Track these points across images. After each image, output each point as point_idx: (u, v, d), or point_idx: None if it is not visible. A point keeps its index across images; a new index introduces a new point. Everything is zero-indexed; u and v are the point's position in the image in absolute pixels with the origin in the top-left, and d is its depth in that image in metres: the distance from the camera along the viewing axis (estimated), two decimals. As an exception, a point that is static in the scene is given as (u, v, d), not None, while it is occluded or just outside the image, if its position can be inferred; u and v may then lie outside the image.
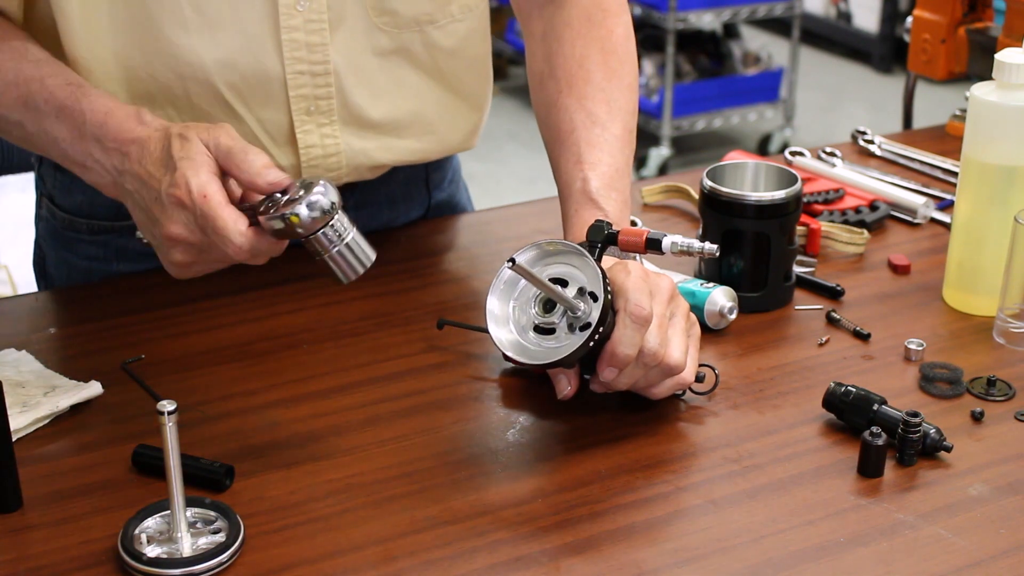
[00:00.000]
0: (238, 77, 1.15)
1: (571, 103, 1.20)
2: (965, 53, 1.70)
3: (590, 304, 0.98)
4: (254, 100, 1.17)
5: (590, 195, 1.14)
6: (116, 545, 0.88)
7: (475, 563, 0.89)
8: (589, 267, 0.99)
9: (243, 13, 1.13)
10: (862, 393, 1.04)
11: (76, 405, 1.05)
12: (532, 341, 0.99)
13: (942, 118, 1.80)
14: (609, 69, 1.22)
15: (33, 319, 1.23)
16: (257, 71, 1.15)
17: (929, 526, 0.93)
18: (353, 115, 1.22)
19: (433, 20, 1.23)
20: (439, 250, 1.38)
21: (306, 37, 1.15)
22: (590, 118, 1.19)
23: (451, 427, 1.05)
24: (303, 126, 1.20)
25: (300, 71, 1.17)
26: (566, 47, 1.23)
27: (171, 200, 0.95)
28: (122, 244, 1.31)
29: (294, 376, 1.12)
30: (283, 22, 1.14)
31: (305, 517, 0.93)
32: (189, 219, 0.95)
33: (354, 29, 1.18)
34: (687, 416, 1.07)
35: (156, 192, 0.97)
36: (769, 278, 1.23)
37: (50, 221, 1.35)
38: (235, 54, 1.14)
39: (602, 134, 1.18)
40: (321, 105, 1.19)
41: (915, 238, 1.41)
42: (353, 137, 1.23)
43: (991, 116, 1.19)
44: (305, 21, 1.15)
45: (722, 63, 4.79)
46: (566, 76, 1.22)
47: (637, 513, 0.94)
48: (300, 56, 1.16)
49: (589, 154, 1.16)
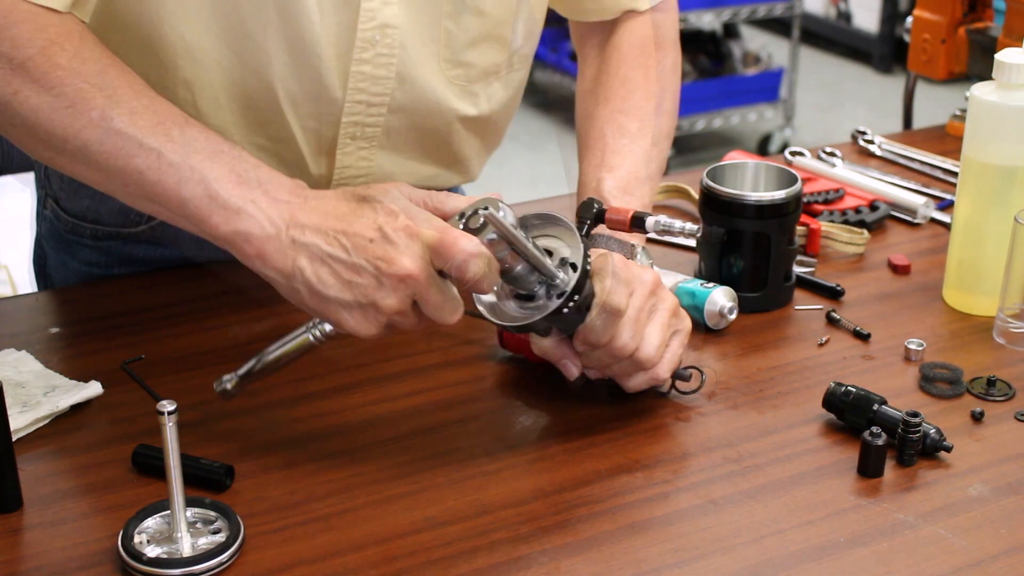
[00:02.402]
0: (299, 89, 1.14)
1: (605, 114, 1.22)
2: (965, 53, 1.70)
3: (570, 274, 0.97)
4: (307, 113, 1.16)
5: (602, 194, 1.15)
6: (116, 545, 0.88)
7: (475, 563, 0.89)
8: (574, 239, 0.99)
9: (321, 36, 1.11)
10: (862, 393, 1.04)
11: (76, 405, 1.05)
12: (511, 307, 0.99)
13: (942, 118, 1.80)
14: (648, 92, 1.24)
15: (33, 319, 1.23)
16: (319, 91, 1.14)
17: (929, 526, 0.93)
18: (392, 142, 1.22)
19: (498, 71, 1.24)
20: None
21: (373, 71, 1.14)
22: (620, 130, 1.21)
23: (451, 427, 1.05)
24: (345, 147, 1.19)
25: (359, 100, 1.16)
26: (612, 67, 1.26)
27: (406, 234, 0.90)
28: (126, 251, 1.31)
29: (294, 376, 1.12)
30: (356, 55, 1.13)
31: (305, 517, 0.93)
32: (424, 255, 0.91)
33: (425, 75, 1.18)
34: (688, 416, 1.07)
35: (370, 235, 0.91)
36: (769, 278, 1.23)
37: (54, 223, 1.34)
38: (303, 70, 1.13)
39: (629, 145, 1.20)
40: (367, 132, 1.19)
41: (915, 238, 1.41)
42: (386, 161, 1.24)
43: (991, 116, 1.19)
44: (376, 55, 1.14)
45: (722, 63, 4.79)
46: (606, 92, 1.25)
47: (637, 513, 0.94)
48: (363, 87, 1.15)
49: (611, 159, 1.18)
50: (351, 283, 0.91)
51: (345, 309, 0.92)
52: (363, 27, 1.12)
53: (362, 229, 0.91)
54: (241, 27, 1.10)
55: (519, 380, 1.11)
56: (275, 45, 1.11)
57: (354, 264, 0.91)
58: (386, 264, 0.90)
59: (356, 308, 0.92)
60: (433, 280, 0.91)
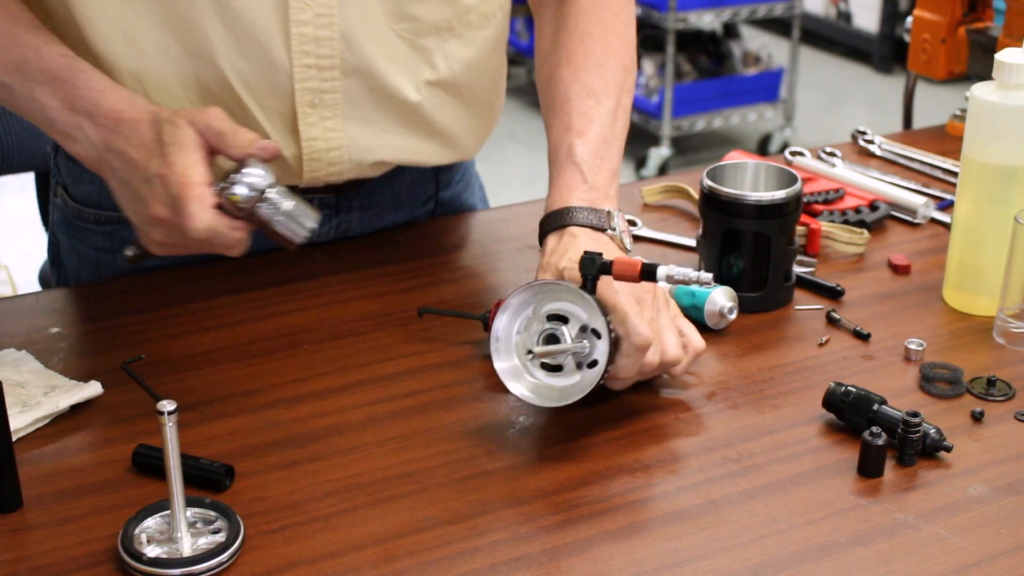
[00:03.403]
0: (245, 64, 1.15)
1: (568, 75, 1.22)
2: (965, 53, 1.70)
3: (593, 341, 1.00)
4: (260, 88, 1.17)
5: (574, 159, 1.16)
6: (116, 545, 0.88)
7: (475, 563, 0.89)
8: (587, 304, 1.00)
9: (254, 3, 1.13)
10: (862, 393, 1.04)
11: (76, 405, 1.05)
12: (540, 378, 1.02)
13: (942, 118, 1.80)
14: (607, 47, 1.24)
15: (33, 319, 1.23)
16: (265, 60, 1.16)
17: (929, 526, 0.93)
18: (359, 112, 1.22)
19: (451, 27, 1.23)
20: (440, 250, 1.38)
21: (315, 31, 1.15)
22: (585, 90, 1.21)
23: (451, 427, 1.05)
24: (307, 118, 1.20)
25: (307, 64, 1.17)
26: (571, 24, 1.25)
27: (159, 180, 1.00)
28: (127, 235, 1.31)
29: (294, 376, 1.12)
30: (293, 15, 1.14)
31: (305, 517, 0.93)
32: (169, 201, 1.00)
33: (366, 29, 1.18)
34: (687, 416, 1.07)
35: (144, 173, 1.02)
36: (769, 278, 1.23)
37: (63, 210, 1.37)
38: (244, 41, 1.14)
39: (595, 106, 1.20)
40: (326, 99, 1.19)
41: (915, 238, 1.41)
42: (357, 132, 1.23)
43: (991, 116, 1.19)
44: (315, 15, 1.15)
45: (722, 63, 4.79)
46: (566, 51, 1.24)
47: (637, 513, 0.94)
48: (308, 50, 1.16)
49: (579, 123, 1.19)
50: (132, 210, 1.05)
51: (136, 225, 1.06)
52: None
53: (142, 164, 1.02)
54: (173, 9, 1.12)
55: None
56: (211, 23, 1.13)
57: (134, 195, 1.03)
58: (145, 206, 1.02)
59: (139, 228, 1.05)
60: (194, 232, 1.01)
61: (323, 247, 1.35)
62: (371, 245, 1.36)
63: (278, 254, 1.33)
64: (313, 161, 1.22)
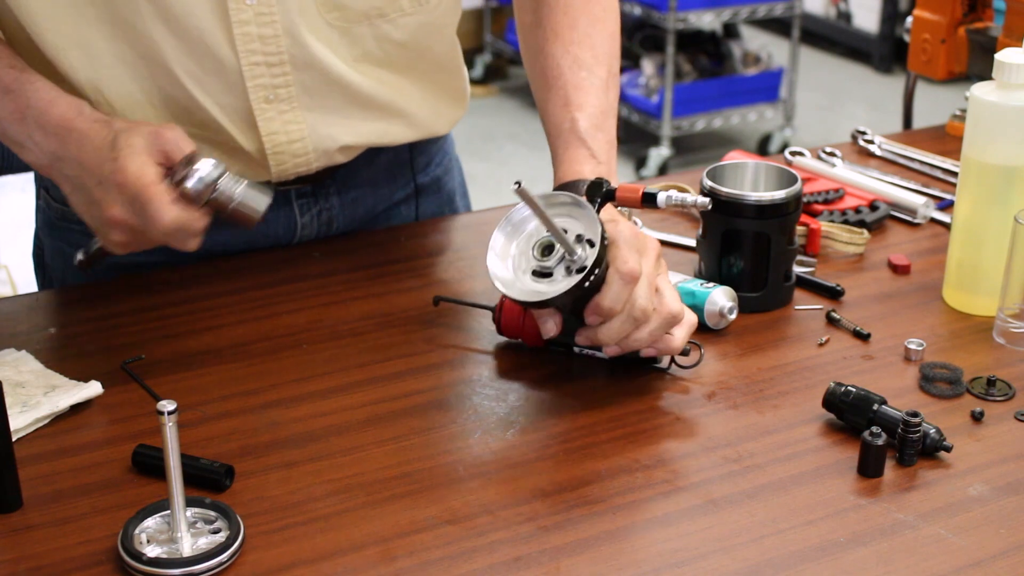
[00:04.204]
0: (196, 67, 1.16)
1: (557, 49, 1.23)
2: (965, 53, 1.70)
3: (587, 250, 1.02)
4: (214, 88, 1.18)
5: (579, 134, 1.17)
6: (116, 545, 0.88)
7: (475, 563, 0.89)
8: (587, 216, 1.03)
9: (194, 7, 1.13)
10: (862, 393, 1.04)
11: (76, 405, 1.05)
12: (527, 284, 1.04)
13: (942, 118, 1.80)
14: (592, 16, 1.25)
15: (33, 319, 1.23)
16: (213, 61, 1.16)
17: (929, 526, 0.93)
18: (316, 101, 1.22)
19: (383, 14, 1.22)
20: (439, 250, 1.38)
21: (258, 30, 1.15)
22: (576, 62, 1.22)
23: (451, 427, 1.05)
24: (264, 114, 1.20)
25: (256, 62, 1.17)
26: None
27: (114, 184, 1.03)
28: None
29: (294, 376, 1.12)
30: (233, 16, 1.14)
31: (305, 517, 0.93)
32: (127, 202, 1.03)
33: (305, 22, 1.18)
34: (687, 416, 1.07)
35: (99, 177, 1.04)
36: (769, 278, 1.23)
37: (46, 211, 1.37)
38: (190, 44, 1.14)
39: (588, 77, 1.21)
40: (280, 93, 1.19)
41: (915, 238, 1.41)
42: (317, 122, 1.23)
43: (991, 116, 1.19)
44: (256, 15, 1.15)
45: (722, 63, 4.79)
46: (551, 24, 1.25)
47: (637, 513, 0.94)
48: (254, 48, 1.16)
49: (576, 96, 1.20)
50: (88, 214, 1.07)
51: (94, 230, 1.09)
52: None
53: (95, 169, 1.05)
54: (120, 18, 1.12)
55: (519, 380, 1.11)
56: (157, 29, 1.13)
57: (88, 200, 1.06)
58: (100, 209, 1.05)
59: (98, 232, 1.08)
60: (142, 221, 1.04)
61: (323, 247, 1.35)
62: (371, 245, 1.36)
63: (278, 254, 1.33)
64: (277, 155, 1.23)
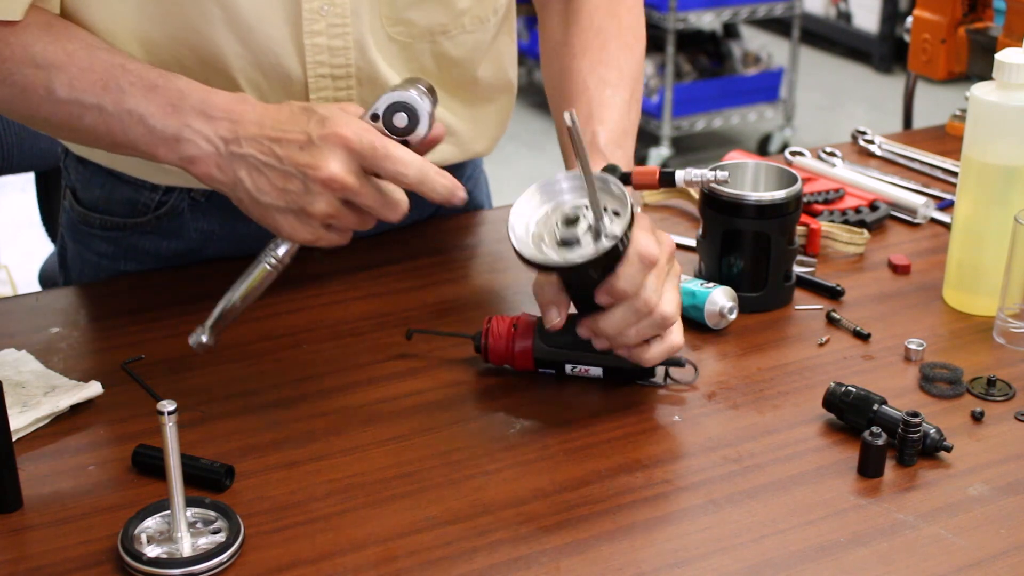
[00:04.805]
0: (260, 76, 1.16)
1: (584, 66, 1.23)
2: (965, 53, 1.70)
3: (614, 220, 0.98)
4: (274, 99, 1.17)
5: (598, 147, 1.16)
6: (116, 545, 0.88)
7: (475, 563, 0.89)
8: (612, 191, 1.00)
9: (265, 14, 1.12)
10: (862, 393, 1.04)
11: (76, 405, 1.05)
12: (548, 252, 0.99)
13: (942, 118, 1.80)
14: (623, 41, 1.25)
15: (33, 319, 1.23)
16: (278, 72, 1.16)
17: (929, 526, 0.93)
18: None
19: (445, 31, 1.23)
20: (440, 250, 1.38)
21: (328, 41, 1.15)
22: (602, 81, 1.21)
23: (451, 427, 1.05)
24: None
25: (322, 75, 1.17)
26: (584, 19, 1.26)
27: (333, 142, 0.96)
28: (132, 243, 1.31)
29: (294, 376, 1.12)
30: (306, 27, 1.14)
31: (305, 517, 0.93)
32: (349, 159, 0.97)
33: (372, 37, 1.18)
34: (687, 416, 1.07)
35: (300, 142, 0.97)
36: (769, 278, 1.23)
37: (70, 213, 1.36)
38: (257, 54, 1.14)
39: (613, 96, 1.21)
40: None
41: (915, 238, 1.41)
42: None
43: (991, 116, 1.19)
44: (328, 26, 1.15)
45: (722, 63, 4.79)
46: (581, 43, 1.25)
47: (637, 513, 0.94)
48: (322, 60, 1.16)
49: (599, 111, 1.19)
50: (284, 190, 0.98)
51: (280, 215, 0.99)
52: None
53: (293, 136, 0.98)
54: (185, 20, 1.12)
55: (518, 381, 1.11)
56: (223, 35, 1.12)
57: (284, 171, 0.98)
58: (312, 170, 0.96)
59: (290, 213, 0.99)
60: (362, 182, 0.97)
61: (323, 247, 1.35)
62: (371, 245, 1.36)
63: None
64: None
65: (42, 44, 1.05)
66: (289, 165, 0.97)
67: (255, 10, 1.12)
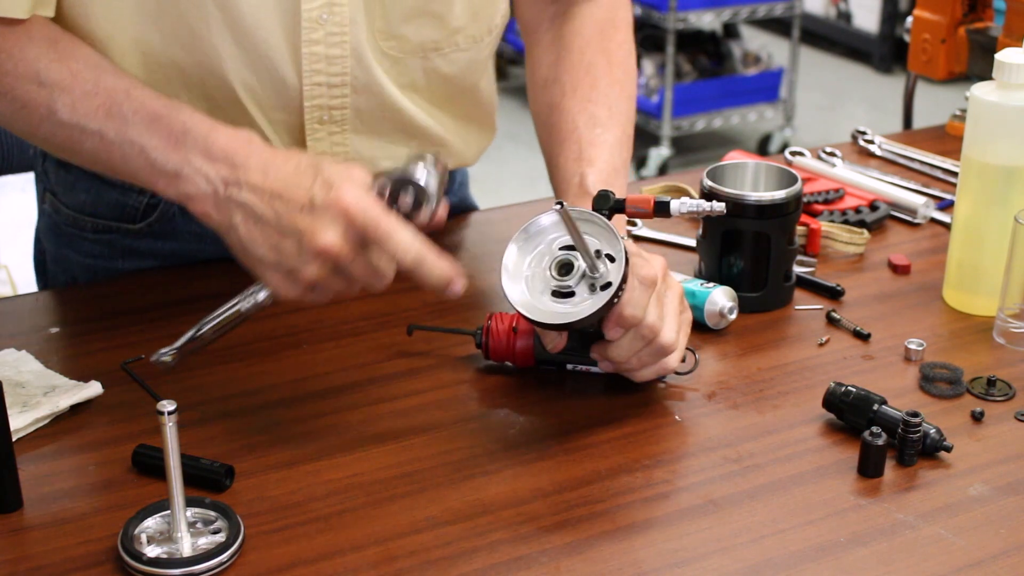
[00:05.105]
0: (255, 81, 1.15)
1: (574, 105, 1.22)
2: (965, 53, 1.70)
3: (608, 265, 0.98)
4: (268, 104, 1.17)
5: (587, 189, 1.15)
6: (116, 545, 0.88)
7: (475, 563, 0.89)
8: (603, 231, 1.00)
9: (264, 20, 1.12)
10: (862, 393, 1.04)
11: (76, 405, 1.05)
12: (547, 305, 0.99)
13: (942, 118, 1.80)
14: (613, 78, 1.24)
15: (33, 319, 1.23)
16: (275, 78, 1.15)
17: (929, 526, 0.93)
18: (366, 124, 1.22)
19: (438, 48, 1.23)
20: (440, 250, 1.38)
21: (326, 50, 1.15)
22: (592, 119, 1.20)
23: (451, 427, 1.05)
24: (315, 133, 1.20)
25: (318, 83, 1.16)
26: (574, 55, 1.25)
27: (334, 210, 0.93)
28: (127, 244, 1.31)
29: (294, 376, 1.12)
30: (305, 35, 1.13)
31: (305, 517, 0.93)
32: (349, 231, 0.94)
33: (369, 47, 1.18)
34: (687, 416, 1.07)
35: (302, 203, 0.94)
36: (769, 278, 1.23)
37: (53, 217, 1.35)
38: (254, 59, 1.13)
39: (602, 134, 1.20)
40: (335, 115, 1.19)
41: (915, 238, 1.41)
42: (363, 145, 1.23)
43: (991, 116, 1.19)
44: (327, 35, 1.14)
45: (722, 63, 4.79)
46: (571, 80, 1.24)
47: (637, 513, 0.94)
48: (319, 68, 1.15)
49: (589, 151, 1.18)
50: (277, 247, 0.95)
51: (269, 269, 0.97)
52: (307, 7, 1.12)
53: (296, 195, 0.95)
54: (183, 22, 1.11)
55: (519, 381, 1.11)
56: (220, 39, 1.12)
57: (281, 229, 0.95)
58: (309, 235, 0.94)
59: (279, 270, 0.96)
60: (356, 254, 0.95)
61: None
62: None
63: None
64: None
65: (47, 61, 1.04)
66: (287, 224, 0.94)
67: (254, 15, 1.11)
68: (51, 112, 1.03)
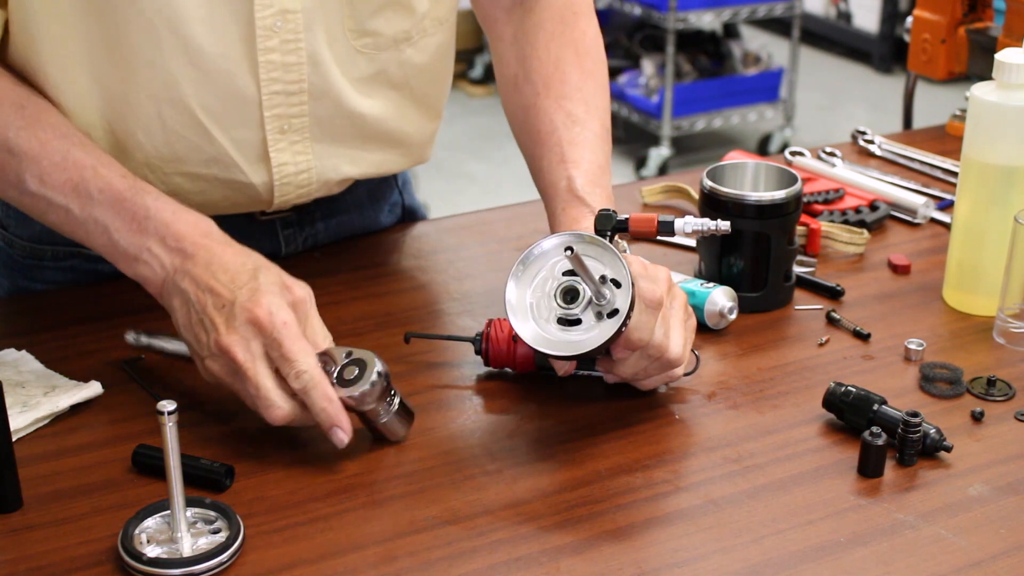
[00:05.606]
0: (213, 98, 1.13)
1: (549, 104, 1.21)
2: (965, 53, 1.70)
3: (613, 291, 0.98)
4: (228, 120, 1.15)
5: (576, 192, 1.14)
6: (116, 545, 0.88)
7: (475, 563, 0.89)
8: (607, 253, 0.99)
9: (219, 35, 1.11)
10: (862, 393, 1.04)
11: (76, 405, 1.05)
12: (555, 334, 0.99)
13: (942, 118, 1.80)
14: (584, 70, 1.23)
15: (33, 319, 1.23)
16: (233, 92, 1.14)
17: (929, 526, 0.93)
18: (325, 132, 1.21)
19: (409, 37, 1.21)
20: (440, 250, 1.38)
21: (282, 58, 1.14)
22: (569, 118, 1.20)
23: (451, 427, 1.05)
24: (276, 144, 1.18)
25: (275, 91, 1.15)
26: (540, 50, 1.24)
27: (245, 316, 0.97)
28: (91, 268, 1.29)
29: (294, 376, 1.12)
30: (260, 44, 1.12)
31: (305, 517, 0.93)
32: (252, 340, 0.97)
33: (330, 51, 1.17)
34: (687, 416, 1.07)
35: (223, 301, 0.98)
36: (769, 278, 1.23)
37: (6, 250, 1.32)
38: (211, 76, 1.12)
39: (582, 132, 1.19)
40: (295, 123, 1.18)
41: (915, 238, 1.41)
42: (324, 152, 1.22)
43: (991, 116, 1.19)
44: (282, 42, 1.13)
45: (722, 63, 4.79)
46: (542, 78, 1.22)
47: (637, 513, 0.94)
48: (276, 77, 1.14)
49: (571, 152, 1.17)
50: (196, 337, 1.00)
51: (192, 352, 1.02)
52: (261, 15, 1.11)
53: (222, 292, 0.99)
54: (138, 55, 1.09)
55: (519, 381, 1.11)
56: (176, 63, 1.10)
57: (201, 320, 1.00)
58: (215, 332, 0.98)
59: (197, 356, 1.01)
60: (254, 367, 0.96)
61: (323, 247, 1.35)
62: (370, 245, 1.36)
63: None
64: (284, 186, 1.21)
65: (15, 129, 1.06)
66: (206, 318, 0.99)
67: (208, 33, 1.10)
68: (20, 180, 1.06)
